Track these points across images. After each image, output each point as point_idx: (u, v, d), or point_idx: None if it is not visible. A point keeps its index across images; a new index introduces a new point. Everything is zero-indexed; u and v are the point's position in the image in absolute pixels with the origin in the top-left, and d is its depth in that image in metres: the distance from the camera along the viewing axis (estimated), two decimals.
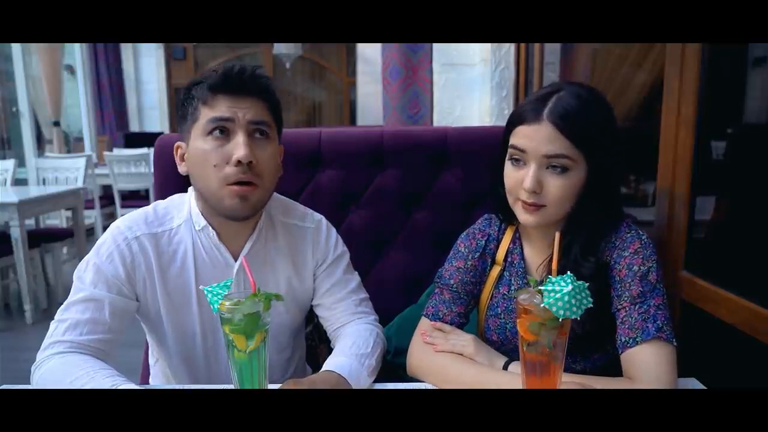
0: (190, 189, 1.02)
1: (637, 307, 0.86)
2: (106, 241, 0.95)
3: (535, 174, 0.85)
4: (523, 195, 0.88)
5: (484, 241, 1.03)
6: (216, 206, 0.92)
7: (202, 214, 0.97)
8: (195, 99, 0.92)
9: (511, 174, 0.90)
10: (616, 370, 0.88)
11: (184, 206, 1.00)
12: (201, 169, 0.90)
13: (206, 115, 0.90)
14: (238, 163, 0.87)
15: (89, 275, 0.93)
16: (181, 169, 0.98)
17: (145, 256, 0.95)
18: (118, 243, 0.94)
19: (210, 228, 0.97)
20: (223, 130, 0.89)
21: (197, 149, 0.90)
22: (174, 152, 0.98)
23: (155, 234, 0.97)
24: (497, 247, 1.03)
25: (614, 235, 0.92)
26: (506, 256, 1.01)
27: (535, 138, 0.85)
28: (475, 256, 1.02)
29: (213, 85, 0.90)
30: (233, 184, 0.89)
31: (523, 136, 0.87)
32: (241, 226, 0.99)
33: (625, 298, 0.87)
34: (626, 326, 0.86)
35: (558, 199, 0.86)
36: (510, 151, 0.90)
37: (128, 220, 0.97)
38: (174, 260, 0.98)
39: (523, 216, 0.90)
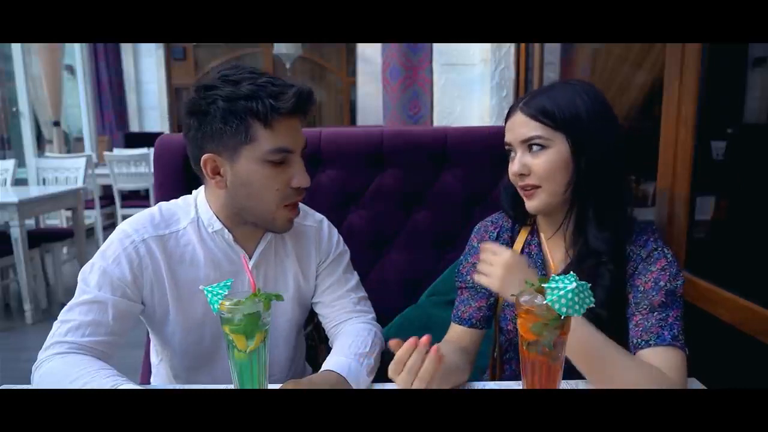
0: (196, 191, 1.02)
1: (656, 314, 0.86)
2: (112, 243, 0.95)
3: (519, 159, 0.92)
4: (517, 181, 0.94)
5: (496, 233, 1.05)
6: (266, 223, 0.96)
7: (216, 217, 0.97)
8: (247, 116, 0.87)
9: (509, 169, 0.95)
10: None
11: (190, 208, 1.00)
12: (260, 191, 0.91)
13: (268, 141, 0.88)
14: (299, 187, 0.93)
15: (94, 277, 0.92)
16: (218, 183, 0.93)
17: (153, 258, 0.95)
18: (125, 246, 0.94)
19: (226, 230, 0.98)
20: (285, 158, 0.91)
21: (256, 173, 0.90)
22: (203, 166, 0.92)
23: (162, 236, 0.96)
24: (512, 237, 1.04)
25: (640, 248, 0.92)
26: (524, 248, 1.02)
27: (514, 128, 0.93)
28: None
29: (281, 108, 0.87)
30: (289, 205, 0.94)
31: (507, 131, 0.95)
32: (257, 229, 1.00)
33: (645, 306, 0.88)
34: (640, 329, 0.87)
35: (545, 174, 0.90)
36: (506, 150, 0.97)
37: (135, 223, 0.96)
38: (183, 261, 0.97)
39: (526, 204, 0.94)
